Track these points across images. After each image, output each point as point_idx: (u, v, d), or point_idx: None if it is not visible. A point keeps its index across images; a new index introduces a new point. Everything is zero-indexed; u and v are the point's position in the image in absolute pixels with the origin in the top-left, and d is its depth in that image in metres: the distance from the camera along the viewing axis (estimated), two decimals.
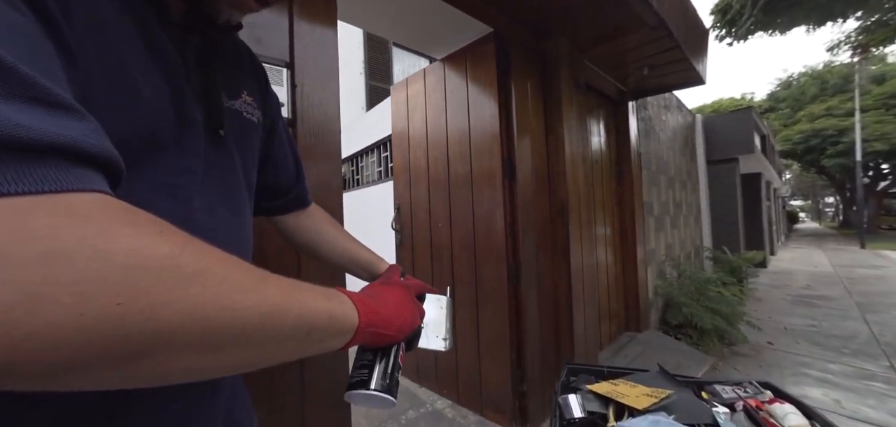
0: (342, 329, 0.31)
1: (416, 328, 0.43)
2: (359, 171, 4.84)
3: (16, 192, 0.16)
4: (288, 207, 0.61)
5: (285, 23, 0.92)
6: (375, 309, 0.35)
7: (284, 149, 0.58)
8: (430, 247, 2.13)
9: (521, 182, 1.74)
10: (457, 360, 1.97)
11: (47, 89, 0.18)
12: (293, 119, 0.92)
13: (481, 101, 1.79)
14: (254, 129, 0.46)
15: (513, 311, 1.73)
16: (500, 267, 1.73)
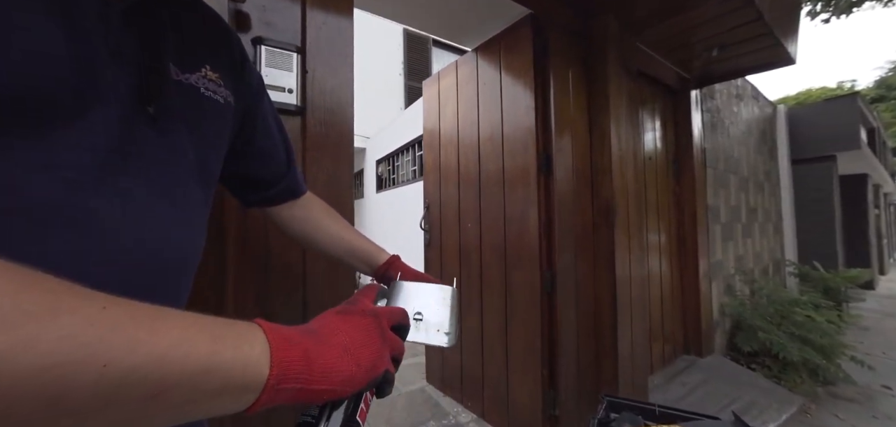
0: (238, 385, 0.21)
1: (378, 376, 0.30)
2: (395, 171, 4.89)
3: None
4: (278, 198, 0.55)
5: (297, 8, 0.88)
6: (307, 355, 0.25)
7: (271, 135, 0.51)
8: (458, 248, 2.02)
9: (558, 180, 1.56)
10: (483, 371, 1.83)
11: None
12: (303, 106, 0.87)
13: (515, 91, 1.64)
14: (217, 110, 0.39)
15: (546, 324, 1.55)
16: (532, 273, 1.56)
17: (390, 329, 0.34)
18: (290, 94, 0.83)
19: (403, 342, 0.36)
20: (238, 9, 0.78)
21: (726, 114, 3.09)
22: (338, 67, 0.94)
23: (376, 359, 0.30)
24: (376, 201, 5.38)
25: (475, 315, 1.89)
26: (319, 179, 0.90)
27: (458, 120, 2.02)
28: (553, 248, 1.55)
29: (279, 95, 0.82)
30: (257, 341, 0.23)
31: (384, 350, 0.31)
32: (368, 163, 5.71)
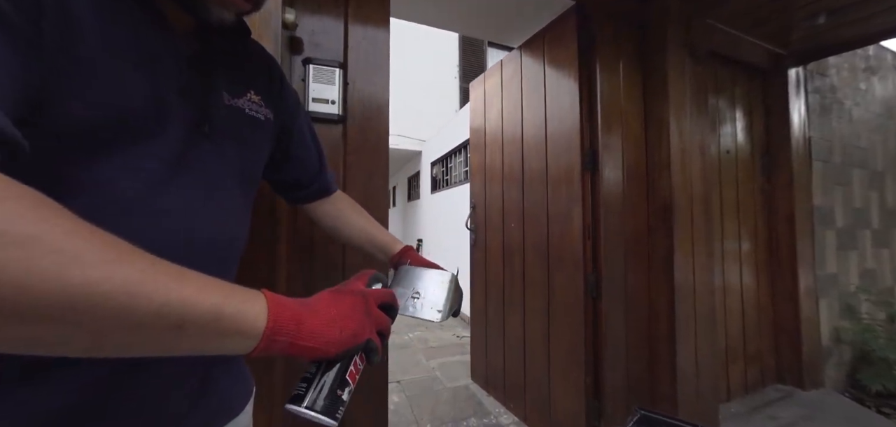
0: (237, 331, 0.27)
1: (360, 343, 0.36)
2: (448, 172, 5.02)
3: None
4: (312, 196, 0.66)
5: (340, 27, 1.00)
6: (298, 317, 0.31)
7: (306, 145, 0.61)
8: (502, 248, 2.01)
9: (605, 178, 1.46)
10: (525, 374, 1.80)
11: None
12: (344, 115, 0.98)
13: (559, 86, 1.59)
14: (259, 126, 0.49)
15: (590, 329, 1.47)
16: (575, 275, 1.49)
17: (378, 307, 0.39)
18: (333, 105, 0.96)
19: (390, 320, 0.41)
20: (292, 36, 0.93)
21: (847, 93, 2.50)
22: (374, 77, 1.04)
23: (358, 329, 0.36)
24: (431, 202, 5.58)
25: (517, 316, 1.87)
26: (358, 179, 1.01)
27: (502, 119, 2.02)
28: (599, 250, 1.46)
29: (324, 107, 0.95)
30: (259, 302, 0.29)
31: (367, 323, 0.37)
32: (424, 165, 5.96)
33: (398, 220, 8.54)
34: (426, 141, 5.97)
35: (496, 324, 2.07)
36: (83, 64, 0.29)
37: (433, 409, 2.03)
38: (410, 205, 7.16)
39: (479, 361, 2.28)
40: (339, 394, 0.35)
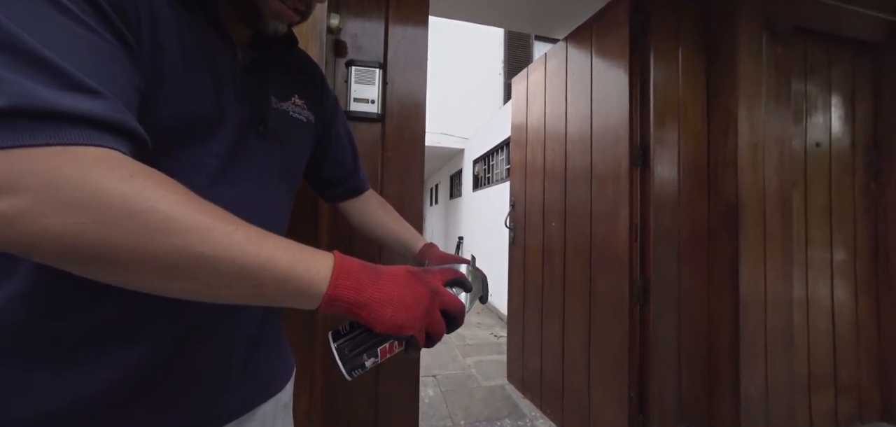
0: (303, 291, 0.31)
1: (404, 335, 0.36)
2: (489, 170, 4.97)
3: (43, 143, 0.24)
4: (345, 195, 0.69)
5: (381, 28, 1.05)
6: (359, 286, 0.34)
7: (342, 145, 0.66)
8: (542, 248, 1.95)
9: (657, 174, 1.34)
10: (563, 380, 1.72)
11: (80, 81, 0.25)
12: (383, 114, 1.03)
13: (607, 77, 1.49)
14: (302, 127, 0.53)
15: (635, 338, 1.36)
16: (620, 279, 1.39)
17: (440, 311, 0.38)
18: (373, 105, 1.00)
19: (445, 327, 0.40)
20: (336, 40, 0.99)
21: None
22: (413, 75, 1.07)
23: (408, 322, 0.35)
24: (472, 200, 5.58)
25: (556, 318, 1.80)
26: (396, 175, 1.05)
27: (545, 114, 1.95)
28: (647, 253, 1.34)
29: (365, 106, 1.00)
30: (325, 267, 0.32)
31: (421, 321, 0.36)
32: (466, 163, 5.97)
33: (440, 218, 8.66)
34: (469, 138, 5.97)
35: (534, 325, 2.01)
36: (168, 76, 0.35)
37: (467, 406, 2.04)
38: (452, 202, 7.22)
39: (516, 363, 2.23)
40: (364, 359, 0.37)
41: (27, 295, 0.31)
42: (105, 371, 0.34)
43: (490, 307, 4.48)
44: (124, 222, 0.24)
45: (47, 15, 0.25)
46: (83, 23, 0.27)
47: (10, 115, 0.23)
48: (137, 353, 0.36)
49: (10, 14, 0.24)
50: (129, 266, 0.25)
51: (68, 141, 0.24)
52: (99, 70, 0.27)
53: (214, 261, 0.27)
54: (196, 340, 0.40)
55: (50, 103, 0.24)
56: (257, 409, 0.50)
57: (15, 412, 0.31)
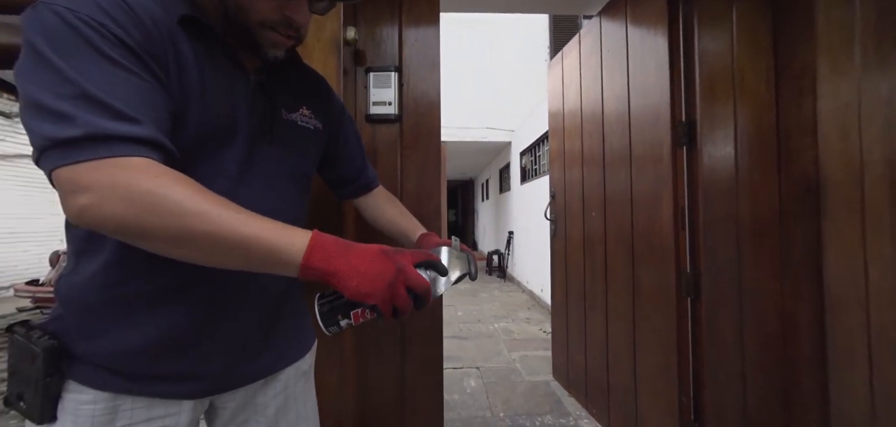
0: (282, 260, 0.38)
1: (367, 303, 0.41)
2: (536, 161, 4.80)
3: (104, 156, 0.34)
4: (356, 192, 0.77)
5: (396, 33, 1.11)
6: (331, 257, 0.40)
7: (350, 147, 0.73)
8: (582, 239, 1.85)
9: (706, 152, 1.19)
10: (608, 379, 1.62)
11: (125, 112, 0.36)
12: (400, 114, 1.10)
13: (644, 50, 1.36)
14: (310, 134, 0.61)
15: (684, 337, 1.23)
16: (665, 271, 1.27)
17: (406, 289, 0.42)
18: (390, 106, 1.08)
19: (411, 303, 0.43)
20: (356, 49, 1.09)
21: None
22: (427, 75, 1.12)
23: (372, 292, 0.40)
24: (520, 193, 5.44)
25: (599, 313, 1.69)
26: (413, 171, 1.11)
27: (581, 98, 1.84)
28: (697, 242, 1.20)
29: (383, 108, 1.08)
30: (301, 241, 0.39)
31: (383, 293, 0.41)
32: (513, 155, 5.83)
33: (491, 213, 8.60)
34: (515, 131, 5.82)
35: (577, 321, 1.92)
36: (191, 101, 0.45)
37: (508, 399, 2.03)
38: (502, 197, 7.12)
39: (561, 359, 2.15)
40: (339, 319, 0.45)
41: (109, 265, 0.43)
42: (158, 325, 0.45)
43: (541, 303, 4.34)
44: (151, 208, 0.34)
45: (107, 68, 0.36)
46: (130, 70, 0.38)
47: (83, 140, 0.34)
48: (180, 312, 0.47)
49: (83, 70, 0.35)
50: (157, 238, 0.35)
51: (119, 154, 0.35)
52: (140, 104, 0.38)
53: (211, 235, 0.36)
54: (225, 309, 0.50)
55: (107, 130, 0.35)
56: (280, 373, 0.60)
57: (101, 348, 0.44)
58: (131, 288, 0.44)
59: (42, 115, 0.34)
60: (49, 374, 0.42)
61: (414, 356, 1.11)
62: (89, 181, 0.34)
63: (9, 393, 0.43)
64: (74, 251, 0.45)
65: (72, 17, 0.36)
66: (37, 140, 0.34)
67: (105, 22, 0.37)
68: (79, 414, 0.43)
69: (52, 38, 0.35)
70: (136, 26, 0.39)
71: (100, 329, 0.44)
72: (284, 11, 0.48)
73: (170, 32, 0.43)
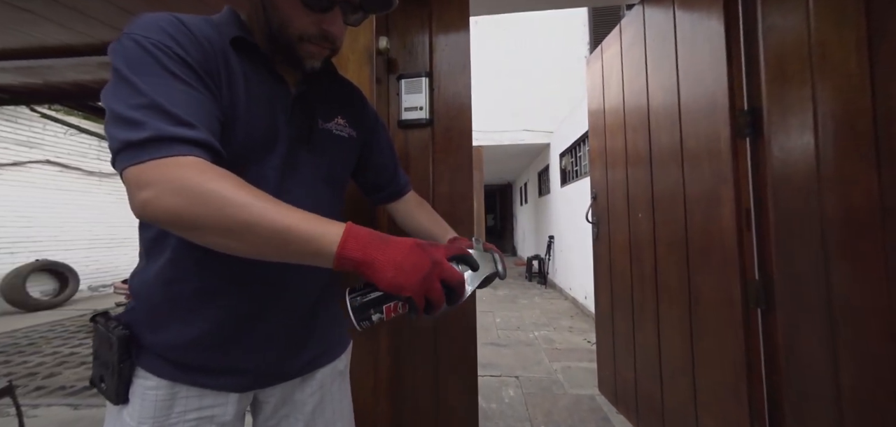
0: (318, 250, 0.40)
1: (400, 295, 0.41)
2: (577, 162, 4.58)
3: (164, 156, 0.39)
4: (388, 198, 0.79)
5: (426, 39, 1.13)
6: (364, 249, 0.40)
7: (383, 155, 0.75)
8: (628, 243, 1.72)
9: (778, 143, 1.04)
10: (662, 397, 1.48)
11: (183, 118, 0.41)
12: (431, 119, 1.11)
13: (695, 33, 1.24)
14: (345, 142, 0.65)
15: (756, 355, 1.08)
16: (727, 278, 1.13)
17: (440, 282, 0.43)
18: (422, 111, 1.10)
19: (443, 297, 0.43)
20: (389, 58, 1.13)
21: None
22: (457, 78, 1.12)
23: (408, 284, 0.41)
24: (561, 196, 5.22)
25: (650, 324, 1.55)
26: (445, 174, 1.11)
27: (623, 93, 1.73)
28: (768, 245, 1.05)
29: (415, 113, 1.10)
30: (336, 232, 0.40)
31: (418, 286, 0.41)
32: (553, 157, 5.63)
33: (530, 217, 8.37)
34: (553, 132, 5.62)
35: (624, 331, 1.78)
36: (238, 110, 0.50)
37: (549, 411, 1.93)
38: (541, 201, 6.89)
39: (607, 371, 2.00)
40: (371, 312, 0.44)
41: (168, 263, 0.49)
42: (207, 320, 0.50)
43: (585, 311, 4.09)
44: (199, 199, 0.38)
45: (170, 82, 0.42)
46: (189, 83, 0.43)
47: (148, 141, 0.39)
48: (225, 309, 0.51)
49: (153, 84, 0.41)
50: (206, 228, 0.39)
51: (176, 153, 0.39)
52: (195, 112, 0.42)
53: (252, 225, 0.38)
54: (266, 308, 0.54)
55: (168, 132, 0.39)
56: (317, 372, 0.63)
57: (162, 340, 0.50)
58: (185, 285, 0.49)
59: (118, 122, 0.40)
60: (122, 360, 0.48)
61: (447, 357, 1.11)
62: (150, 178, 0.38)
63: (94, 374, 0.50)
64: (144, 252, 0.52)
65: (145, 41, 0.42)
66: (113, 144, 0.40)
67: (170, 44, 0.43)
68: (145, 398, 0.48)
69: (129, 60, 0.41)
70: (195, 47, 0.45)
71: (162, 322, 0.50)
72: (321, 25, 0.52)
73: (223, 52, 0.48)
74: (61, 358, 2.97)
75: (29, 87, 2.03)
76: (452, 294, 0.44)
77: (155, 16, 0.45)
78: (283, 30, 0.51)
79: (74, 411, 2.06)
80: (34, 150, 5.16)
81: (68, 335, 3.67)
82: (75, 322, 4.17)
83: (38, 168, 5.20)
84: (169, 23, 0.44)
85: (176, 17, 0.46)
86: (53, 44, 1.52)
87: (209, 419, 0.51)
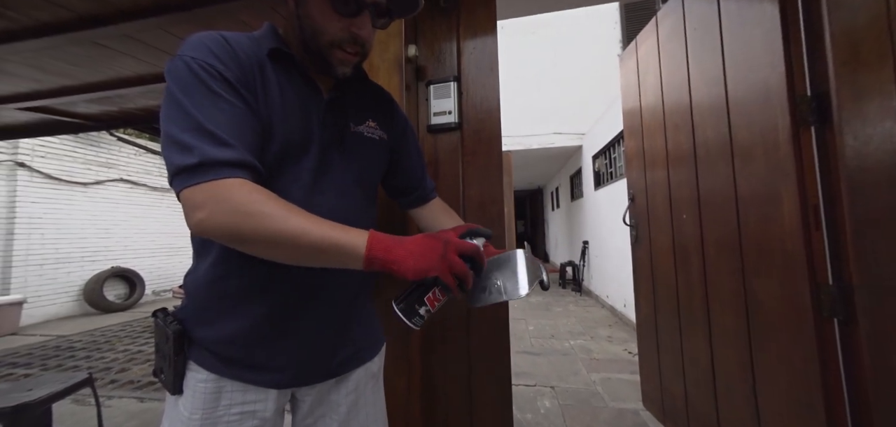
0: (349, 255, 0.46)
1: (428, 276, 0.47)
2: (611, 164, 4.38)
3: (212, 179, 0.44)
4: (415, 203, 0.79)
5: (454, 44, 1.14)
6: (388, 248, 0.47)
7: (411, 160, 0.76)
8: (672, 246, 1.60)
9: (852, 132, 0.93)
10: (718, 413, 1.35)
11: (224, 139, 0.45)
12: (460, 122, 1.11)
13: (744, 17, 1.14)
14: (375, 145, 0.67)
15: (833, 371, 0.95)
16: (793, 283, 1.01)
17: (458, 255, 0.49)
18: (450, 115, 1.10)
19: (466, 267, 0.49)
20: (418, 65, 1.15)
21: None
22: (486, 82, 1.12)
23: (428, 266, 0.47)
24: (595, 199, 5.00)
25: (700, 334, 1.43)
26: (475, 177, 1.11)
27: (661, 89, 1.63)
28: (844, 247, 0.93)
29: (443, 118, 1.11)
30: (363, 239, 0.47)
31: (439, 264, 0.48)
32: (585, 160, 5.42)
33: (562, 222, 8.10)
34: (585, 134, 5.43)
35: (670, 341, 1.65)
36: (274, 119, 0.53)
37: (589, 425, 1.83)
38: (574, 205, 6.65)
39: (652, 385, 1.87)
40: (417, 307, 0.49)
41: (216, 261, 0.53)
42: (249, 316, 0.53)
43: (624, 320, 3.86)
44: (246, 217, 0.43)
45: (213, 102, 0.46)
46: (229, 101, 0.47)
47: (199, 166, 0.43)
48: (266, 307, 0.54)
49: (199, 105, 0.45)
50: (253, 241, 0.44)
51: (221, 176, 0.44)
52: (235, 130, 0.47)
53: (292, 236, 0.44)
54: (303, 307, 0.57)
55: (214, 156, 0.44)
56: (351, 373, 0.64)
57: (210, 335, 0.53)
58: (229, 283, 0.53)
59: (172, 146, 0.44)
60: (177, 353, 0.52)
61: (481, 360, 1.09)
62: (202, 200, 0.43)
63: (155, 365, 0.55)
64: (194, 254, 0.57)
65: (193, 63, 0.47)
66: (169, 167, 0.45)
67: (214, 63, 0.47)
68: (195, 390, 0.52)
69: (179, 82, 0.46)
70: (234, 63, 0.49)
71: (209, 317, 0.54)
72: (350, 29, 0.55)
73: (259, 64, 0.53)
74: (130, 355, 3.30)
75: (108, 114, 2.31)
76: (474, 263, 0.51)
77: (203, 36, 0.50)
78: (315, 38, 0.55)
79: (140, 404, 2.28)
80: (111, 170, 5.88)
81: (136, 335, 4.08)
82: (141, 323, 4.63)
83: (114, 185, 5.90)
84: (214, 42, 0.49)
85: (221, 36, 0.50)
86: (127, 74, 1.73)
87: (252, 414, 0.53)
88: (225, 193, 0.43)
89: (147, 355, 3.28)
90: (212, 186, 0.43)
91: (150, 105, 2.16)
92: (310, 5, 0.54)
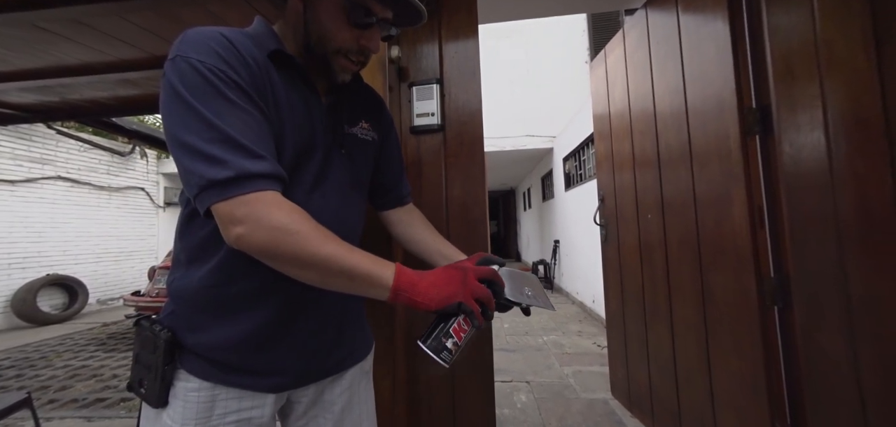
0: (377, 285, 0.47)
1: (452, 304, 0.48)
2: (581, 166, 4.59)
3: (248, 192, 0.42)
4: (390, 203, 0.77)
5: (436, 47, 1.16)
6: (413, 281, 0.48)
7: (392, 158, 0.76)
8: (638, 244, 1.72)
9: (788, 140, 1.05)
10: (678, 398, 1.46)
11: (256, 152, 0.44)
12: (443, 124, 1.13)
13: (700, 35, 1.26)
14: (368, 146, 0.67)
15: (774, 352, 1.07)
16: (742, 276, 1.13)
17: (478, 280, 0.50)
18: (433, 117, 1.11)
19: (489, 291, 0.50)
20: (400, 66, 1.15)
21: None
22: (467, 84, 1.14)
23: (452, 293, 0.48)
24: (565, 200, 5.22)
25: (663, 325, 1.55)
26: (458, 179, 1.13)
27: (628, 96, 1.74)
28: (782, 242, 1.05)
29: (426, 119, 1.12)
30: (390, 271, 0.47)
31: (462, 290, 0.48)
32: (556, 162, 5.64)
33: (534, 222, 8.35)
34: (556, 136, 5.65)
35: (636, 333, 1.77)
36: (285, 125, 0.52)
37: (563, 416, 1.92)
38: (545, 205, 6.89)
39: (620, 375, 1.99)
40: (444, 341, 0.48)
41: (216, 267, 0.51)
42: (251, 321, 0.52)
43: (593, 315, 4.06)
44: (286, 237, 0.43)
45: (232, 110, 0.44)
46: (245, 109, 0.46)
47: (234, 179, 0.42)
48: (268, 310, 0.53)
49: (220, 114, 0.43)
50: (287, 261, 0.44)
51: (258, 189, 0.43)
52: (261, 140, 0.46)
53: (326, 260, 0.44)
54: (303, 310, 0.56)
55: (248, 169, 0.43)
56: (346, 372, 0.64)
57: (204, 341, 0.51)
58: (230, 289, 0.51)
59: (196, 157, 0.42)
60: (167, 362, 0.49)
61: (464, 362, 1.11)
62: (242, 215, 0.42)
63: (132, 378, 0.51)
64: (187, 258, 0.53)
65: (202, 67, 0.44)
66: (194, 179, 0.42)
67: (223, 68, 0.45)
68: (187, 400, 0.49)
69: (189, 86, 0.43)
70: (244, 68, 0.47)
71: (204, 324, 0.51)
72: (360, 41, 0.54)
73: (265, 66, 0.50)
74: (72, 371, 2.98)
75: (46, 105, 2.07)
76: (494, 286, 0.52)
77: (203, 34, 0.46)
78: (322, 43, 0.54)
79: (88, 423, 2.07)
80: (47, 167, 5.26)
81: (79, 348, 3.69)
82: (85, 335, 4.19)
83: (50, 184, 5.29)
84: (219, 43, 0.46)
85: (222, 35, 0.47)
86: (71, 62, 1.56)
87: (248, 421, 0.52)
88: (264, 209, 0.43)
89: (93, 370, 2.99)
90: (250, 200, 0.42)
91: (100, 97, 1.96)
92: (321, 11, 0.53)
